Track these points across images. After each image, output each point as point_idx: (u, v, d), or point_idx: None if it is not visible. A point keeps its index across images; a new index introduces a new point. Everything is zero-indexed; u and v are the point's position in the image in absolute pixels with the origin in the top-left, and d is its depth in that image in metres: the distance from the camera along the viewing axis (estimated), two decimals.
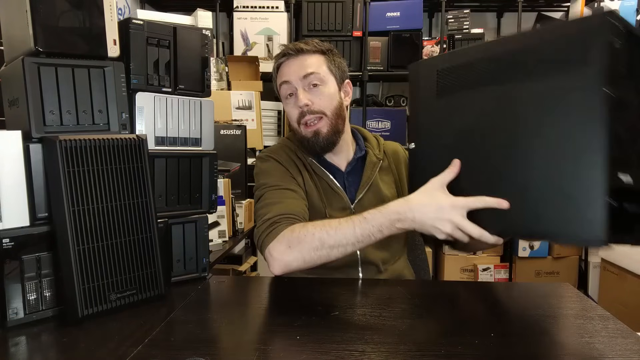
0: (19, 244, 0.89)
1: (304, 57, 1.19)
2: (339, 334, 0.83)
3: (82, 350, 0.80)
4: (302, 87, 1.18)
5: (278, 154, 1.27)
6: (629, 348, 0.77)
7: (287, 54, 1.20)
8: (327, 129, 1.18)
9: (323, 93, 1.18)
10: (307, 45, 1.19)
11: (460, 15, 2.90)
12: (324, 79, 1.18)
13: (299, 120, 1.19)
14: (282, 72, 1.21)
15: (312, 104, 1.17)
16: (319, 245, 0.99)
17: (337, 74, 1.22)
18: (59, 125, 0.96)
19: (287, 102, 1.22)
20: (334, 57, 1.23)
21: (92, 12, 0.99)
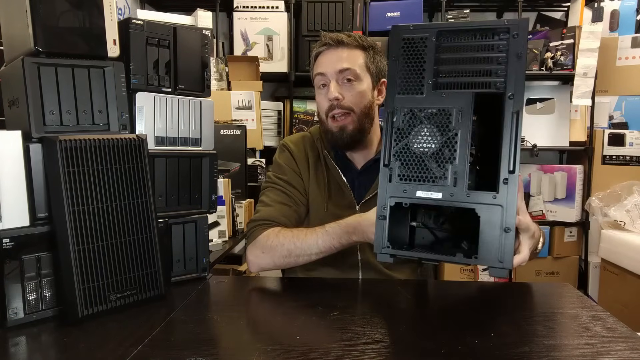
0: (19, 244, 0.89)
1: (343, 50, 1.17)
2: (339, 334, 0.83)
3: (82, 350, 0.80)
4: (336, 80, 1.17)
5: (295, 144, 1.28)
6: (629, 348, 0.77)
7: (327, 44, 1.18)
8: (353, 127, 1.18)
9: (355, 89, 1.17)
10: (348, 38, 1.18)
11: (460, 15, 2.89)
12: (359, 76, 1.17)
13: (327, 112, 1.19)
14: (319, 62, 1.20)
15: (343, 99, 1.16)
16: (287, 254, 1.08)
17: (374, 71, 1.20)
18: (58, 125, 0.96)
19: (319, 92, 1.21)
20: (375, 55, 1.21)
21: (92, 12, 0.99)
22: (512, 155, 0.78)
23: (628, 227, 2.38)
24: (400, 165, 0.83)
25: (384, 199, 0.85)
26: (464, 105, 0.80)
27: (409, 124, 0.83)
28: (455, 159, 0.80)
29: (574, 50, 2.75)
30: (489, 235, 0.79)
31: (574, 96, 2.71)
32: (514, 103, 0.78)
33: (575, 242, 2.86)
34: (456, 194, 0.80)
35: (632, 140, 2.69)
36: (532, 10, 3.23)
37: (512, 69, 0.78)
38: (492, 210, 0.78)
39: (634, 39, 2.73)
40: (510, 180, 0.78)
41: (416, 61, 0.84)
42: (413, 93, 0.83)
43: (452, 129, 0.80)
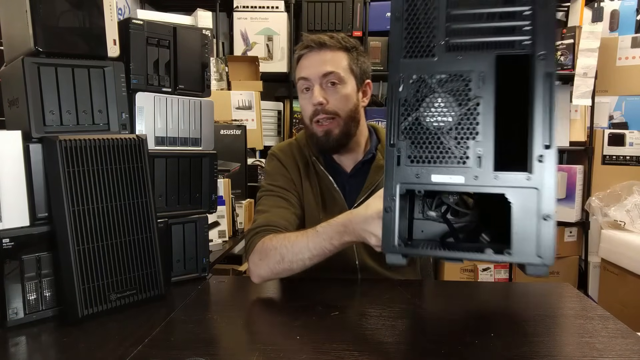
0: (19, 244, 0.89)
1: (326, 52, 1.14)
2: (339, 334, 0.83)
3: (82, 350, 0.80)
4: (319, 84, 1.14)
5: (283, 152, 1.26)
6: (629, 348, 0.77)
7: (309, 47, 1.15)
8: (339, 131, 1.15)
9: (340, 93, 1.14)
10: (331, 40, 1.15)
11: None
12: (343, 79, 1.14)
13: (311, 117, 1.16)
14: (302, 66, 1.17)
15: (327, 104, 1.14)
16: (280, 259, 1.01)
17: (358, 73, 1.17)
18: (58, 125, 0.96)
19: (303, 96, 1.18)
20: (358, 56, 1.18)
21: (92, 12, 0.99)
22: (548, 126, 0.65)
23: (628, 227, 2.38)
24: (410, 145, 0.70)
25: (391, 187, 0.71)
26: (486, 67, 0.67)
27: (419, 94, 0.69)
28: (478, 134, 0.67)
29: (574, 50, 2.75)
30: (524, 225, 0.66)
31: (574, 96, 2.71)
32: (546, 63, 0.65)
33: (575, 242, 2.86)
34: (481, 177, 0.67)
35: (632, 140, 2.69)
36: None
37: (540, 22, 0.65)
38: (526, 194, 0.66)
39: (634, 39, 2.73)
40: (547, 157, 0.65)
41: (424, 18, 0.70)
42: (422, 56, 0.69)
43: (473, 97, 0.67)
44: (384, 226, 0.72)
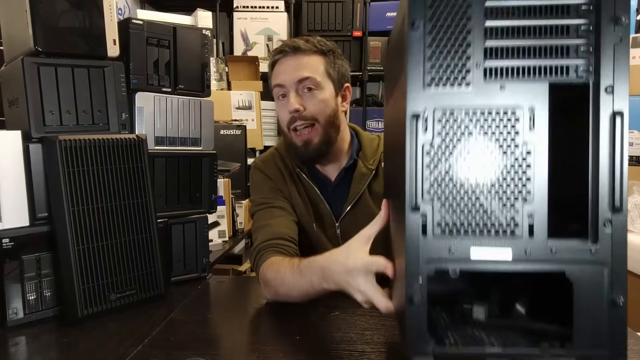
0: (19, 244, 0.89)
1: (301, 57, 1.09)
2: (339, 334, 0.83)
3: (82, 350, 0.80)
4: (296, 90, 1.09)
5: (267, 164, 1.20)
6: (629, 348, 0.77)
7: (284, 51, 1.10)
8: (318, 139, 1.10)
9: (317, 98, 1.09)
10: (306, 44, 1.10)
11: None
12: (320, 84, 1.09)
13: (289, 124, 1.10)
14: (277, 72, 1.12)
15: (304, 110, 1.08)
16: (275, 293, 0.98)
17: (335, 77, 1.12)
18: (58, 125, 0.96)
19: (279, 103, 1.13)
20: (335, 59, 1.13)
21: (92, 12, 0.99)
22: (619, 182, 0.50)
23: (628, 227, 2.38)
24: (440, 208, 0.52)
25: (416, 267, 0.53)
26: (538, 101, 0.51)
27: (450, 137, 0.52)
28: (530, 193, 0.51)
29: None
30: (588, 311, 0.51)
31: None
32: (614, 99, 0.50)
33: None
34: (534, 250, 0.51)
35: (632, 140, 2.69)
36: None
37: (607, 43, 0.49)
38: (589, 271, 0.51)
39: (634, 39, 2.73)
40: (616, 223, 0.50)
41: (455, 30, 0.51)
42: (452, 84, 0.52)
43: (522, 143, 0.51)
44: (409, 322, 0.54)
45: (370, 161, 1.17)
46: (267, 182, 1.18)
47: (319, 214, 1.17)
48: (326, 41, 1.13)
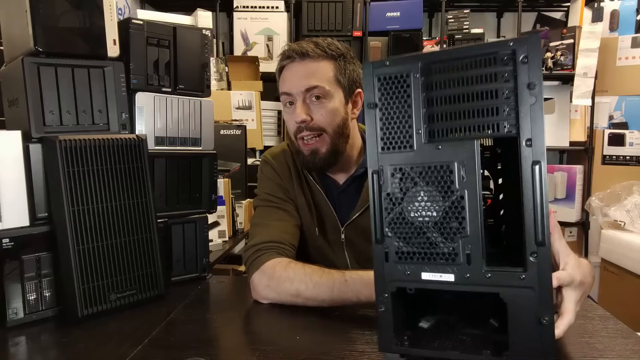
0: (19, 244, 0.89)
1: (310, 63, 1.04)
2: (339, 334, 0.83)
3: (82, 350, 0.80)
4: (303, 99, 1.05)
5: (277, 159, 1.18)
6: (629, 348, 0.77)
7: (291, 57, 1.05)
8: (326, 149, 1.06)
9: (325, 108, 1.04)
10: (315, 49, 1.04)
11: (460, 15, 2.89)
12: (329, 93, 1.04)
13: (296, 134, 1.08)
14: (284, 78, 1.08)
15: (311, 120, 1.04)
16: (296, 293, 0.95)
17: (346, 84, 1.07)
18: (58, 125, 0.96)
19: (286, 110, 1.10)
20: (346, 64, 1.07)
21: (92, 12, 0.99)
22: (540, 221, 0.59)
23: (628, 227, 2.38)
24: (397, 240, 0.66)
25: (382, 285, 0.67)
26: (468, 156, 0.62)
27: (401, 187, 0.65)
28: (465, 229, 0.62)
29: (574, 50, 2.75)
30: (521, 327, 0.61)
31: (574, 96, 2.71)
32: (533, 151, 0.59)
33: (575, 242, 2.86)
34: (473, 275, 0.62)
35: (632, 140, 2.69)
36: (532, 10, 3.22)
37: (524, 104, 0.59)
38: (521, 294, 0.61)
39: (634, 39, 2.73)
40: (540, 255, 0.60)
41: (399, 106, 0.65)
42: (400, 148, 0.65)
43: (457, 190, 0.62)
44: (380, 326, 0.68)
45: None
46: (275, 178, 1.16)
47: (322, 217, 1.15)
48: (337, 44, 1.08)
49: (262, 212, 1.13)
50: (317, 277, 0.94)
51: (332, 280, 0.93)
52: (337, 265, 1.15)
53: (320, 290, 0.93)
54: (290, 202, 1.15)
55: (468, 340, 0.70)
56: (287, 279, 0.96)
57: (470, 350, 0.66)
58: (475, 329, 0.72)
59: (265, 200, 1.14)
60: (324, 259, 1.16)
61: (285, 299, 0.97)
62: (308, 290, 0.94)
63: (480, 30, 2.93)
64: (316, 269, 0.97)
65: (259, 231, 1.09)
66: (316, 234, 1.15)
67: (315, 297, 0.93)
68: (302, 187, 1.16)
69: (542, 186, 0.59)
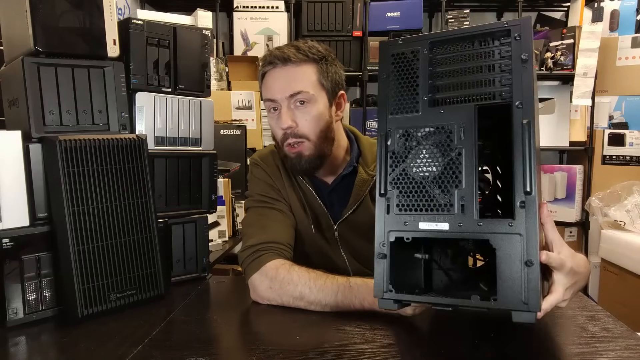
0: (19, 244, 0.89)
1: (292, 68, 1.04)
2: (339, 334, 0.83)
3: (82, 350, 0.80)
4: (287, 105, 1.05)
5: (266, 161, 1.18)
6: (629, 348, 0.77)
7: (273, 63, 1.05)
8: (310, 153, 1.07)
9: (310, 113, 1.05)
10: (297, 54, 1.04)
11: (460, 15, 2.89)
12: (312, 98, 1.04)
13: (282, 140, 1.08)
14: (267, 85, 1.08)
15: (296, 126, 1.05)
16: (299, 297, 0.95)
17: (329, 87, 1.07)
18: (58, 125, 0.96)
19: (271, 116, 1.10)
20: (328, 67, 1.07)
21: (92, 12, 0.99)
22: (528, 172, 0.66)
23: (628, 227, 2.38)
24: (398, 194, 0.73)
25: (382, 234, 0.74)
26: (466, 120, 0.70)
27: (405, 147, 0.73)
28: (461, 183, 0.69)
29: (574, 50, 2.75)
30: (509, 272, 0.66)
31: (574, 96, 2.71)
32: (523, 112, 0.68)
33: (575, 242, 2.86)
34: (465, 224, 0.69)
35: (632, 140, 2.69)
36: (532, 10, 3.23)
37: (517, 74, 0.68)
38: (510, 240, 0.66)
39: (634, 39, 2.73)
40: (528, 203, 0.66)
41: (409, 77, 0.75)
42: (407, 112, 0.74)
43: (455, 148, 0.70)
44: (376, 273, 0.74)
45: (371, 167, 1.15)
46: (266, 178, 1.16)
47: (316, 216, 1.16)
48: (318, 46, 1.08)
49: (256, 212, 1.13)
50: (321, 282, 0.95)
51: (337, 285, 0.93)
52: (335, 263, 1.16)
53: (324, 294, 0.93)
54: (283, 201, 1.15)
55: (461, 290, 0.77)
56: (290, 281, 0.96)
57: (460, 296, 0.73)
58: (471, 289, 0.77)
59: (258, 201, 1.14)
60: (322, 257, 1.17)
61: (287, 301, 0.97)
62: (312, 294, 0.94)
63: None
64: (320, 274, 0.97)
65: (255, 232, 1.08)
66: (312, 232, 1.15)
67: (319, 301, 0.94)
68: (293, 187, 1.16)
69: (531, 141, 0.67)
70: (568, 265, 0.74)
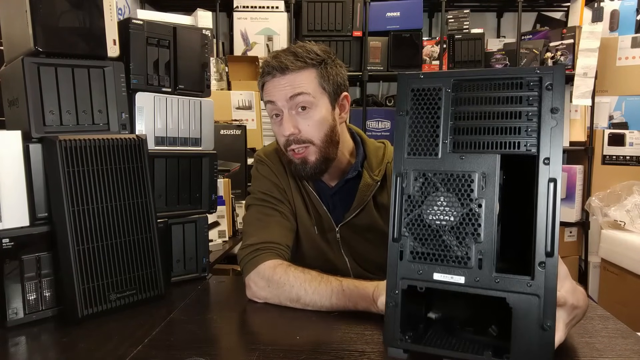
0: (19, 244, 0.89)
1: (291, 75, 1.03)
2: (339, 334, 0.83)
3: (82, 350, 0.80)
4: (289, 110, 1.04)
5: (272, 158, 1.18)
6: (629, 348, 0.77)
7: (271, 74, 1.05)
8: (316, 157, 1.06)
9: (312, 118, 1.04)
10: (295, 61, 1.03)
11: (460, 15, 2.89)
12: (314, 102, 1.03)
13: (285, 146, 1.08)
14: (268, 92, 1.07)
15: (299, 133, 1.04)
16: (295, 298, 0.96)
17: (330, 89, 1.06)
18: (58, 125, 0.96)
19: (274, 121, 1.09)
20: (328, 69, 1.06)
21: (92, 12, 0.99)
22: (550, 233, 0.64)
23: (628, 227, 2.38)
24: (413, 240, 0.69)
25: (394, 281, 0.70)
26: (489, 168, 0.66)
27: (422, 191, 0.69)
28: (480, 236, 0.66)
29: (574, 50, 2.75)
30: (524, 333, 0.64)
31: (574, 96, 2.71)
32: (550, 169, 0.64)
33: (575, 242, 2.86)
34: (482, 279, 0.66)
35: (632, 140, 2.69)
36: (532, 10, 3.22)
37: (546, 126, 0.65)
38: (527, 300, 0.64)
39: (634, 39, 2.73)
40: (549, 264, 0.64)
41: (429, 117, 0.70)
42: (426, 154, 0.70)
43: (475, 198, 0.66)
44: (386, 319, 0.71)
45: (376, 172, 1.14)
46: (271, 177, 1.16)
47: (319, 218, 1.16)
48: (317, 50, 1.06)
49: (258, 211, 1.13)
50: (316, 284, 0.95)
51: (330, 288, 0.94)
52: (336, 265, 1.16)
53: (319, 297, 0.94)
54: (286, 203, 1.15)
55: (470, 341, 0.72)
56: (287, 283, 0.97)
57: (473, 351, 0.69)
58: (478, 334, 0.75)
59: (261, 200, 1.14)
60: (323, 258, 1.17)
61: (284, 302, 0.97)
62: (307, 296, 0.95)
63: (480, 31, 2.93)
64: (315, 275, 0.97)
65: (255, 231, 1.08)
66: (315, 232, 1.15)
67: (315, 303, 0.95)
68: (298, 187, 1.16)
69: (556, 201, 0.64)
70: (570, 302, 0.73)
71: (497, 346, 0.68)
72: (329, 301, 0.93)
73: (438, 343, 0.72)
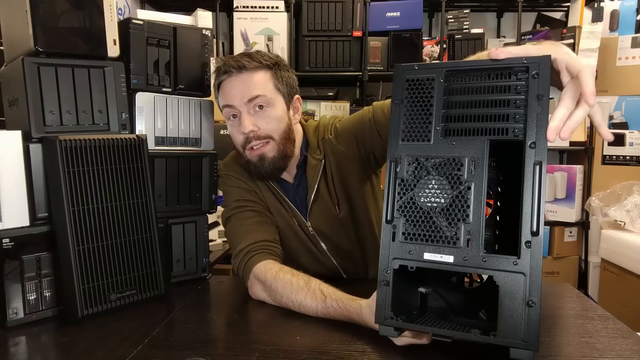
0: (19, 244, 0.89)
1: (248, 75, 1.05)
2: (339, 334, 0.83)
3: (82, 350, 0.80)
4: (247, 110, 1.06)
5: (232, 168, 1.19)
6: (629, 348, 0.77)
7: (228, 72, 1.06)
8: (274, 154, 1.08)
9: (270, 116, 1.07)
10: (251, 61, 1.06)
11: (460, 15, 2.89)
12: (271, 101, 1.06)
13: (244, 145, 1.09)
14: (224, 93, 1.08)
15: (258, 129, 1.06)
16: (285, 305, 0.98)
17: (285, 91, 1.09)
18: (58, 125, 0.96)
19: (231, 124, 1.10)
20: (281, 72, 1.09)
21: (92, 12, 0.99)
22: (536, 214, 0.67)
23: (628, 227, 2.38)
24: (405, 222, 0.73)
25: (386, 261, 0.73)
26: (478, 154, 0.70)
27: (415, 175, 0.73)
28: (468, 217, 0.69)
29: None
30: (510, 309, 0.67)
31: None
32: (536, 152, 0.67)
33: (575, 242, 2.86)
34: (470, 258, 0.69)
35: (632, 140, 2.69)
36: (532, 10, 3.22)
37: (532, 113, 0.68)
38: (513, 278, 0.67)
39: (634, 39, 2.73)
40: (534, 244, 0.66)
41: (422, 105, 0.74)
42: (419, 140, 0.74)
43: (464, 181, 0.70)
44: (378, 299, 0.74)
45: (317, 151, 1.15)
46: (239, 184, 1.17)
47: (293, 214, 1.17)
48: (269, 54, 1.11)
49: (236, 218, 1.13)
50: (301, 297, 0.95)
51: (316, 303, 0.93)
52: (319, 258, 1.18)
53: (305, 309, 0.95)
54: (261, 202, 1.16)
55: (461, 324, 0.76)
56: (276, 291, 0.98)
57: (461, 329, 0.73)
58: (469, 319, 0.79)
59: (235, 208, 1.14)
60: (308, 253, 1.19)
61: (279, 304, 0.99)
62: (295, 308, 0.96)
63: (480, 31, 2.92)
64: (302, 285, 0.96)
65: (240, 237, 1.09)
66: (295, 224, 1.16)
67: (302, 311, 0.95)
68: (267, 187, 1.17)
69: (542, 183, 0.67)
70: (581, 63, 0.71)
71: (486, 327, 0.71)
72: (315, 312, 0.93)
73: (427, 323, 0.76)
